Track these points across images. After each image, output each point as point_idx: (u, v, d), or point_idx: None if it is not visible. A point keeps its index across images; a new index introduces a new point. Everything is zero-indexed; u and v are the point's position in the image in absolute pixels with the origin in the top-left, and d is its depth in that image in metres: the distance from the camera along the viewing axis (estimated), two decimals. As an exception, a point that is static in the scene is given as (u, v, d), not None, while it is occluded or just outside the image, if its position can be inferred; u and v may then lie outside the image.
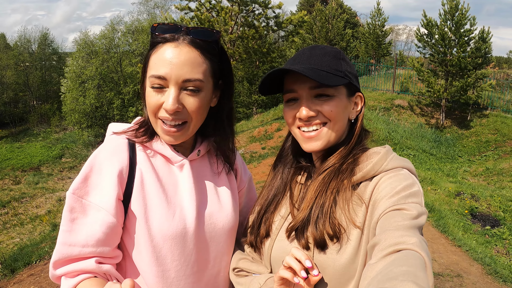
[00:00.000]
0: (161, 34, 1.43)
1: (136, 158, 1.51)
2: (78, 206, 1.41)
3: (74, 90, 36.05)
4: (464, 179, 14.43)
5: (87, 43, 38.67)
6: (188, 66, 1.40)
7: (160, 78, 1.39)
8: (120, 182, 1.44)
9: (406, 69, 24.81)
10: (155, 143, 1.56)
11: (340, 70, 1.40)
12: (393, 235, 1.07)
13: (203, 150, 1.67)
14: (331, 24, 33.71)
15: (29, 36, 50.12)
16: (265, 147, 15.76)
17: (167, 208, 1.49)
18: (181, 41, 1.41)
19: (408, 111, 21.38)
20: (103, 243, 1.42)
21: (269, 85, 1.48)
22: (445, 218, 8.69)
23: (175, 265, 1.51)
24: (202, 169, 1.67)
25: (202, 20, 16.43)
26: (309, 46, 1.49)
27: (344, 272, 1.29)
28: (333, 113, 1.39)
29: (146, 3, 49.94)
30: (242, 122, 24.41)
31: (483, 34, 19.58)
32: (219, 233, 1.61)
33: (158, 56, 1.41)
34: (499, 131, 18.50)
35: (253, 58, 19.35)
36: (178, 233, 1.48)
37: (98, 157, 1.47)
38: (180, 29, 1.43)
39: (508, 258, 7.70)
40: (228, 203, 1.67)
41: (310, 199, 1.40)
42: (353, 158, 1.42)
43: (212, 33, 1.48)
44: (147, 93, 1.45)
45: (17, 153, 33.52)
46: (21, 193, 21.75)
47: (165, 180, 1.55)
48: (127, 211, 1.47)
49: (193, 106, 1.44)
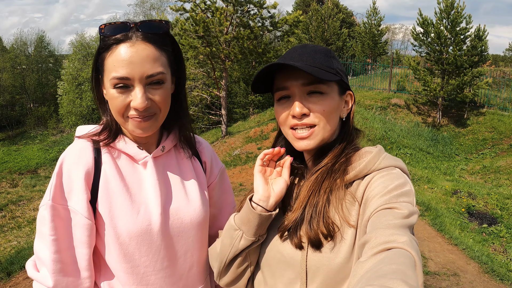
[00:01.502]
0: (112, 35, 1.42)
1: (101, 159, 1.53)
2: (59, 213, 1.46)
3: (71, 92, 36.13)
4: (461, 177, 14.47)
5: (83, 45, 38.76)
6: (148, 63, 1.41)
7: (123, 79, 1.39)
8: (87, 184, 1.48)
9: (403, 68, 24.87)
10: (118, 143, 1.57)
11: (332, 67, 1.39)
12: (383, 234, 1.06)
13: (167, 145, 1.67)
14: (327, 23, 33.81)
15: (26, 38, 50.12)
16: (261, 147, 15.77)
17: (131, 206, 1.51)
18: (135, 39, 1.41)
19: (405, 110, 21.40)
20: (88, 245, 1.49)
21: (261, 83, 1.46)
22: (441, 216, 8.70)
23: (143, 261, 1.53)
24: (168, 164, 1.67)
25: (197, 21, 16.44)
26: (299, 44, 1.48)
27: (339, 271, 1.29)
28: (326, 113, 1.37)
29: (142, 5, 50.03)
30: (239, 122, 24.43)
31: (479, 32, 19.61)
32: (188, 228, 1.63)
33: (116, 58, 1.40)
34: (496, 129, 18.54)
35: (249, 58, 19.38)
36: (143, 230, 1.51)
37: (65, 163, 1.49)
38: (129, 26, 1.43)
39: (505, 256, 7.71)
40: (195, 197, 1.67)
41: (303, 199, 1.39)
42: (345, 157, 1.41)
43: (162, 24, 1.48)
44: (110, 96, 1.45)
45: (14, 156, 33.44)
46: (18, 196, 21.66)
47: (129, 178, 1.56)
48: (95, 212, 1.49)
49: (160, 98, 1.47)
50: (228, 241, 1.46)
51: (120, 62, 1.39)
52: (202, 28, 16.53)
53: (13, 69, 45.78)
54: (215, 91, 20.65)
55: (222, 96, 19.45)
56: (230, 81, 25.95)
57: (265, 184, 1.43)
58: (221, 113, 19.71)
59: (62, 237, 1.46)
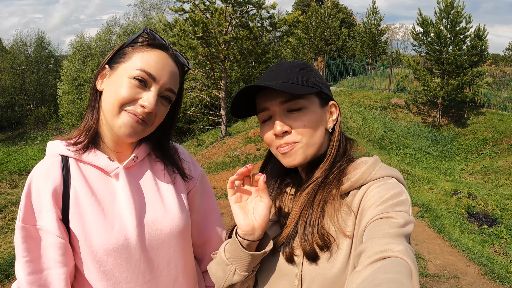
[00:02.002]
0: (154, 39, 1.51)
1: (70, 175, 1.50)
2: (31, 233, 1.43)
3: (71, 93, 36.19)
4: (461, 177, 14.48)
5: (83, 46, 38.86)
6: (174, 78, 1.51)
7: (150, 75, 1.44)
8: (56, 201, 1.44)
9: (402, 67, 24.93)
10: (88, 156, 1.53)
11: (309, 81, 1.38)
12: (379, 243, 1.06)
13: (140, 155, 1.64)
14: (327, 23, 33.85)
15: (25, 39, 50.31)
16: (260, 148, 15.75)
17: (104, 221, 1.47)
18: (170, 54, 1.51)
19: (405, 110, 21.44)
20: (63, 264, 1.45)
21: (243, 107, 1.46)
22: (441, 217, 8.69)
23: (125, 277, 1.50)
24: (142, 174, 1.64)
25: (196, 21, 16.44)
26: (275, 63, 1.48)
27: (335, 281, 1.28)
28: (306, 129, 1.36)
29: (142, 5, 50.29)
30: (239, 123, 24.46)
31: (479, 31, 19.64)
32: (168, 238, 1.59)
33: (152, 57, 1.46)
34: (496, 129, 18.55)
35: (248, 59, 19.39)
36: (119, 245, 1.47)
37: (33, 182, 1.46)
38: (167, 46, 1.53)
39: (505, 257, 7.70)
40: (173, 205, 1.63)
41: (295, 215, 1.38)
42: (339, 169, 1.40)
43: (188, 63, 1.61)
44: (123, 82, 1.44)
45: (14, 157, 33.55)
46: (18, 197, 21.71)
47: (100, 192, 1.52)
48: (69, 230, 1.46)
49: (160, 113, 1.52)
50: (221, 275, 1.44)
51: (155, 62, 1.46)
52: (201, 28, 16.53)
53: (13, 69, 45.92)
54: (214, 92, 20.64)
55: (222, 96, 19.46)
56: (230, 82, 26.01)
57: (245, 216, 1.38)
58: (221, 114, 19.72)
59: (36, 258, 1.43)
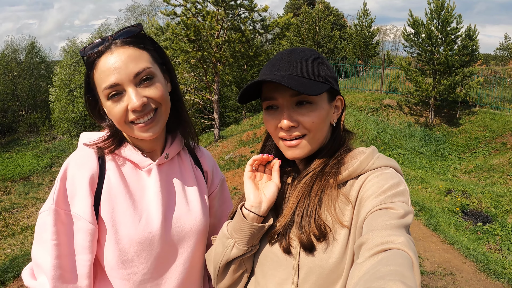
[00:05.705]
0: (93, 52, 1.47)
1: (105, 166, 1.54)
2: (61, 217, 1.45)
3: (63, 98, 36.00)
4: (455, 176, 14.53)
5: (74, 51, 38.59)
6: (131, 62, 1.44)
7: (114, 85, 1.43)
8: (91, 188, 1.48)
9: (394, 69, 24.95)
10: (123, 150, 1.59)
11: (320, 76, 1.37)
12: (380, 234, 1.07)
13: (171, 153, 1.69)
14: (318, 26, 33.87)
15: (17, 45, 49.94)
16: (254, 150, 15.74)
17: (133, 213, 1.52)
18: (114, 47, 1.46)
19: (397, 111, 21.48)
20: (90, 250, 1.48)
21: (248, 94, 1.46)
22: (436, 216, 8.72)
23: (142, 268, 1.54)
24: (171, 172, 1.69)
25: (188, 25, 16.44)
26: (287, 49, 1.47)
27: (332, 272, 1.29)
28: (314, 124, 1.37)
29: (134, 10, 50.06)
30: (232, 126, 24.45)
31: (470, 32, 19.77)
32: (188, 236, 1.64)
33: (101, 69, 1.44)
34: (488, 128, 18.61)
35: (240, 62, 19.38)
36: (144, 237, 1.51)
37: (69, 168, 1.49)
38: (106, 39, 1.48)
39: (500, 254, 7.74)
40: (196, 206, 1.69)
41: (292, 204, 1.39)
42: (337, 159, 1.41)
43: (134, 27, 1.53)
44: (108, 108, 1.49)
45: (6, 163, 33.30)
46: (11, 203, 21.61)
47: (132, 185, 1.57)
48: (97, 217, 1.49)
49: (155, 92, 1.48)
50: (221, 249, 1.47)
51: (106, 72, 1.43)
52: (193, 32, 16.53)
53: (5, 76, 45.69)
54: (207, 95, 20.63)
55: (214, 100, 19.46)
56: (222, 85, 25.99)
57: (256, 190, 1.43)
58: (214, 117, 19.72)
59: (63, 243, 1.45)
